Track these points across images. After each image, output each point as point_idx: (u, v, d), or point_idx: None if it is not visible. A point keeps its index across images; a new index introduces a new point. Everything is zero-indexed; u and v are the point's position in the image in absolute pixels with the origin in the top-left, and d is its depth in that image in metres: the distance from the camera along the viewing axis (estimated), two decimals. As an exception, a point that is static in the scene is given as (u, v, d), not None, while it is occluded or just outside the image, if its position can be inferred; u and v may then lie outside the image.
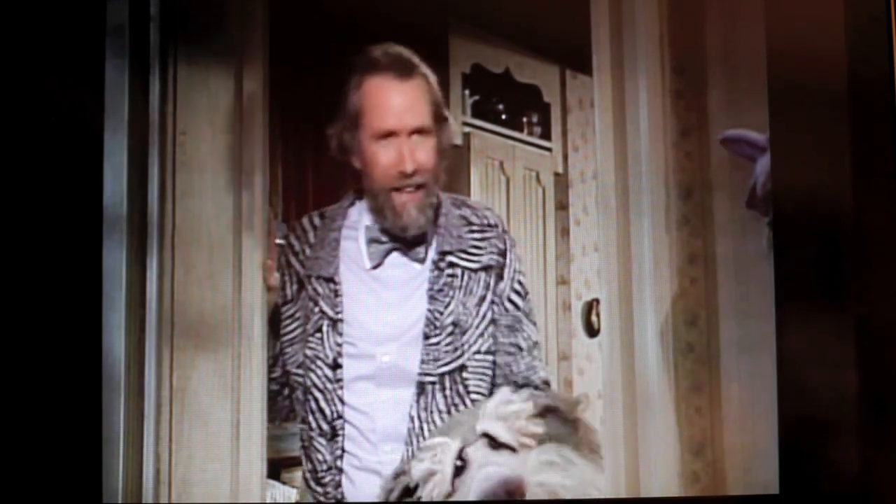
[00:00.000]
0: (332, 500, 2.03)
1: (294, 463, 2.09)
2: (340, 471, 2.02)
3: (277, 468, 2.07)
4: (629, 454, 2.00)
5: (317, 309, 2.08)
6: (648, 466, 1.98)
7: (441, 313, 2.05)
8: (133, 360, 2.00)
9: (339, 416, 2.04)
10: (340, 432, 2.04)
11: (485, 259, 2.07)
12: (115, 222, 2.00)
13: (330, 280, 2.08)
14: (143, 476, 1.99)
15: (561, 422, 1.97)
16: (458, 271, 2.07)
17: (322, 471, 2.03)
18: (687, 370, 2.00)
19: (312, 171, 2.20)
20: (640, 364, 2.02)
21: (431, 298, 2.06)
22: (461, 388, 2.02)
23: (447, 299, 2.05)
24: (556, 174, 2.20)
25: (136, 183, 2.03)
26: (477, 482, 1.89)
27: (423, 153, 2.08)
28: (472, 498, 1.89)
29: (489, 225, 2.10)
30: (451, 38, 2.17)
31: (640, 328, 2.03)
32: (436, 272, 2.07)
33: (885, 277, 1.81)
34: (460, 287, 2.06)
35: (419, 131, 2.08)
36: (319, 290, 2.08)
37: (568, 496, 1.90)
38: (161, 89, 2.07)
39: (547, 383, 2.05)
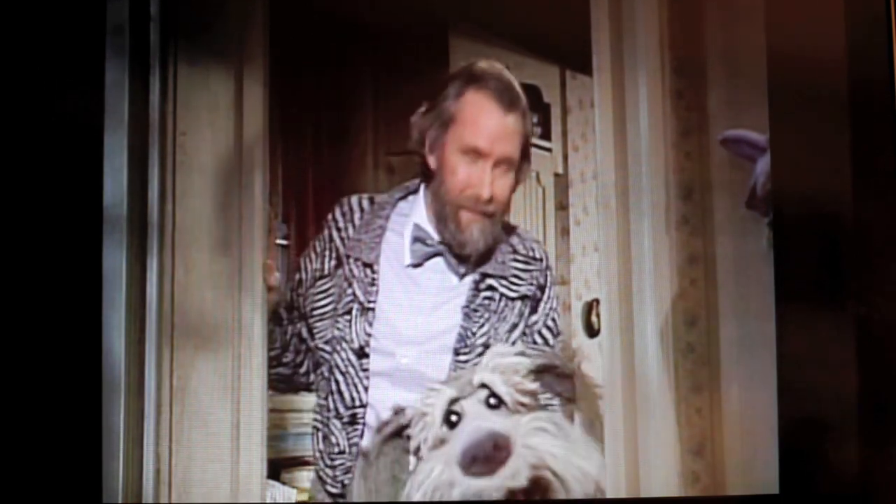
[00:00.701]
0: (332, 502, 2.03)
1: (294, 463, 2.09)
2: (354, 457, 2.02)
3: (277, 468, 2.07)
4: (629, 454, 2.00)
5: (350, 291, 2.08)
6: (648, 466, 1.99)
7: (474, 333, 2.05)
8: (133, 360, 2.00)
9: (362, 405, 2.04)
10: (360, 421, 2.03)
11: (523, 290, 2.07)
12: (115, 222, 1.99)
13: (369, 266, 2.09)
14: (143, 476, 1.99)
15: (559, 378, 1.97)
16: (497, 296, 2.07)
17: (335, 454, 2.03)
18: (687, 370, 2.00)
19: (312, 171, 2.20)
20: (640, 364, 2.02)
21: (466, 316, 2.06)
22: None
23: (481, 320, 2.05)
24: (556, 174, 2.20)
25: (136, 183, 2.03)
26: (466, 433, 1.89)
27: (502, 184, 2.09)
28: (459, 449, 1.89)
29: (534, 258, 2.10)
30: (451, 38, 2.17)
31: (640, 328, 2.03)
32: (474, 291, 2.07)
33: (885, 277, 1.81)
34: (496, 311, 2.06)
35: (505, 162, 2.08)
36: (356, 272, 2.09)
37: (554, 463, 1.89)
38: (161, 89, 2.07)
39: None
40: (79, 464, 1.89)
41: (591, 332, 2.11)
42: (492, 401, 1.93)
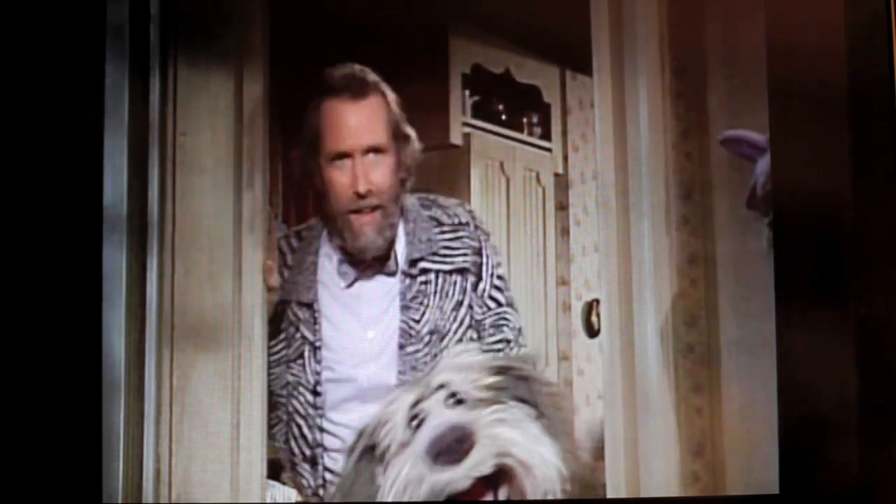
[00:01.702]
0: (332, 502, 2.03)
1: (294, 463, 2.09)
2: (321, 497, 2.02)
3: (277, 468, 2.07)
4: (629, 454, 2.01)
5: (298, 335, 2.08)
6: (648, 466, 1.99)
7: (417, 321, 2.05)
8: (133, 360, 2.00)
9: (319, 445, 2.04)
10: (320, 461, 2.03)
11: (458, 260, 2.06)
12: (115, 222, 1.99)
13: (309, 306, 2.08)
14: (143, 476, 1.99)
15: (515, 379, 1.97)
16: (432, 276, 2.06)
17: (307, 495, 2.03)
18: (687, 370, 2.00)
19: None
20: (640, 364, 2.02)
21: (405, 308, 2.05)
22: None
23: (422, 308, 2.05)
24: (556, 174, 2.20)
25: (136, 183, 2.03)
26: (428, 429, 1.90)
27: (378, 173, 2.07)
28: (423, 445, 1.89)
29: (461, 223, 2.09)
30: (451, 38, 2.17)
31: (641, 328, 2.03)
32: (408, 281, 2.06)
33: (885, 277, 1.81)
34: (435, 292, 2.06)
35: (374, 150, 2.07)
36: (300, 315, 2.08)
37: (517, 451, 1.90)
38: (161, 90, 2.07)
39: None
40: (79, 464, 1.89)
41: (591, 332, 2.11)
42: (451, 400, 1.93)
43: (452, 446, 1.89)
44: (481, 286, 2.06)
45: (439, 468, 1.89)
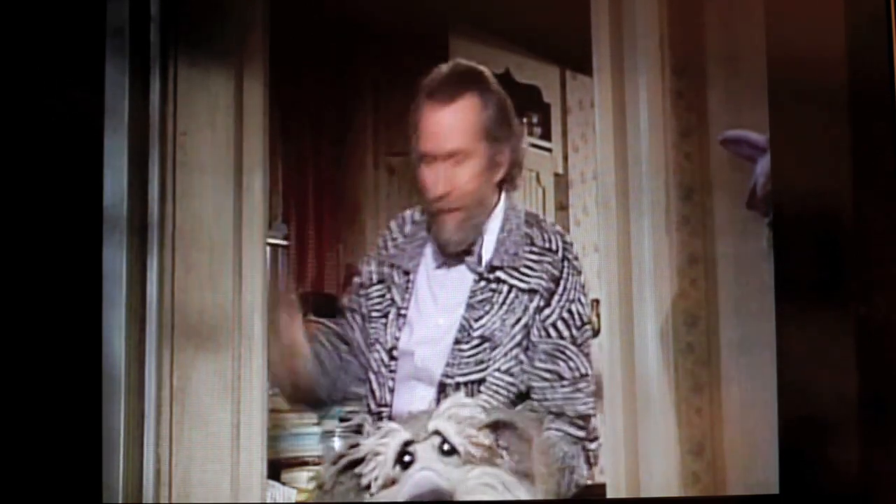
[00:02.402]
0: (333, 502, 2.03)
1: (294, 463, 2.09)
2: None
3: (277, 468, 2.07)
4: (629, 454, 2.01)
5: (388, 295, 2.11)
6: (648, 467, 1.99)
7: (475, 322, 2.05)
8: (133, 360, 2.00)
9: (387, 405, 2.06)
10: (384, 420, 2.04)
11: (533, 282, 2.06)
12: (115, 222, 1.99)
13: (406, 273, 2.11)
14: (143, 476, 1.99)
15: (517, 438, 1.96)
16: (504, 287, 2.07)
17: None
18: (687, 371, 2.00)
19: (312, 171, 2.20)
20: (640, 364, 2.02)
21: (469, 307, 2.06)
22: None
23: (482, 312, 2.05)
24: (557, 175, 2.20)
25: (136, 183, 2.03)
26: (411, 483, 1.89)
27: (457, 176, 2.08)
28: (405, 496, 1.88)
29: (549, 249, 2.09)
30: (451, 38, 2.17)
31: (641, 329, 2.03)
32: (482, 283, 2.07)
33: (885, 277, 1.81)
34: (502, 303, 2.06)
35: (454, 154, 2.08)
36: (397, 279, 2.11)
37: None
38: (161, 90, 2.07)
39: (583, 418, 2.04)
40: (79, 464, 1.89)
41: (592, 332, 2.11)
42: (445, 447, 1.92)
43: None
44: (546, 312, 2.05)
45: None
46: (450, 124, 2.09)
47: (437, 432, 1.92)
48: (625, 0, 2.08)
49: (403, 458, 1.91)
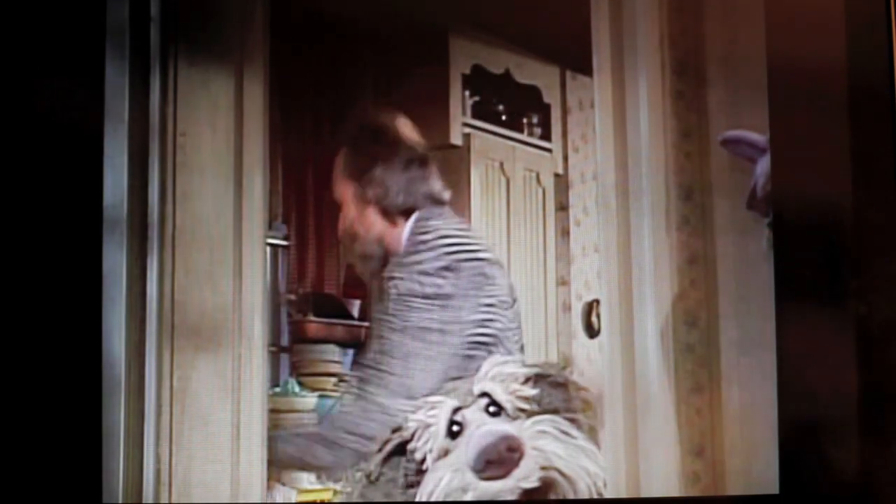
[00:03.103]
0: (334, 502, 2.03)
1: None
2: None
3: (278, 469, 2.07)
4: (629, 455, 2.01)
5: None
6: (649, 467, 1.99)
7: None
8: (133, 361, 2.00)
9: None
10: None
11: None
12: (115, 223, 1.99)
13: None
14: (143, 476, 1.99)
15: (553, 386, 1.97)
16: None
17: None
18: (687, 371, 2.00)
19: (312, 172, 2.20)
20: (640, 365, 2.02)
21: None
22: None
23: None
24: (557, 175, 2.20)
25: (136, 184, 2.03)
26: (476, 438, 1.89)
27: None
28: (472, 454, 1.88)
29: None
30: (451, 38, 2.17)
31: (641, 329, 2.03)
32: None
33: (885, 277, 1.81)
34: None
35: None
36: None
37: (561, 464, 1.89)
38: (161, 90, 2.07)
39: None
40: (79, 464, 1.89)
41: (592, 332, 2.11)
42: (492, 409, 1.93)
43: (503, 457, 1.88)
44: None
45: (487, 479, 1.88)
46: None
47: (483, 394, 1.93)
48: (625, 0, 2.08)
49: (452, 428, 1.92)
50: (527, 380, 1.96)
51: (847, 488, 1.79)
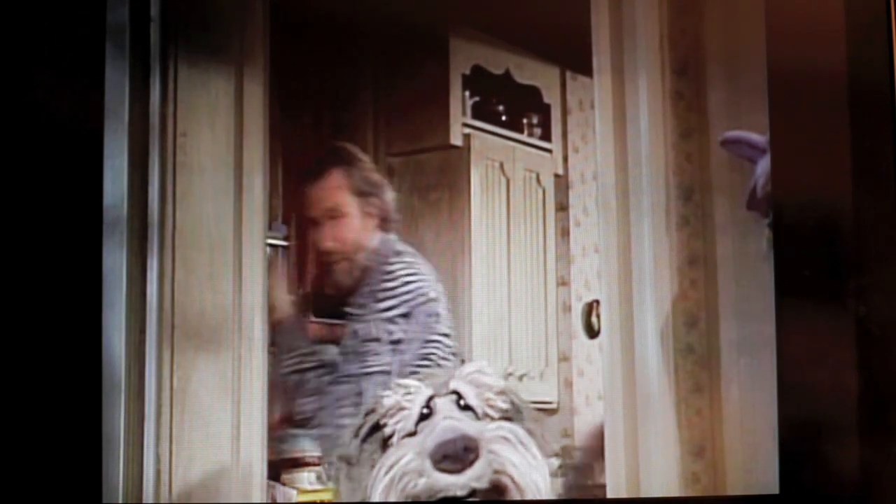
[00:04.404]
0: (335, 501, 2.03)
1: (294, 464, 2.08)
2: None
3: (278, 469, 2.07)
4: (629, 455, 2.01)
5: None
6: (648, 467, 1.98)
7: None
8: (133, 361, 2.00)
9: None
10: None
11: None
12: (115, 223, 1.99)
13: None
14: (143, 476, 1.99)
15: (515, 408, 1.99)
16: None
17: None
18: (687, 372, 2.00)
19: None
20: (640, 365, 2.02)
21: None
22: None
23: None
24: (557, 175, 2.20)
25: (136, 184, 2.03)
26: (439, 430, 1.91)
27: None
28: (431, 444, 1.90)
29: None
30: (450, 39, 2.18)
31: (641, 329, 2.03)
32: None
33: (885, 277, 1.81)
34: None
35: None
36: None
37: (514, 472, 1.90)
38: (161, 90, 2.07)
39: None
40: (79, 464, 1.89)
41: (592, 332, 2.11)
42: (462, 403, 1.95)
43: (459, 454, 1.90)
44: None
45: (441, 471, 1.90)
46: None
47: (455, 392, 1.95)
48: (625, 1, 2.08)
49: (423, 411, 1.94)
50: (500, 392, 1.97)
51: (847, 488, 1.78)
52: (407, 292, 2.18)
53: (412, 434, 1.94)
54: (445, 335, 2.15)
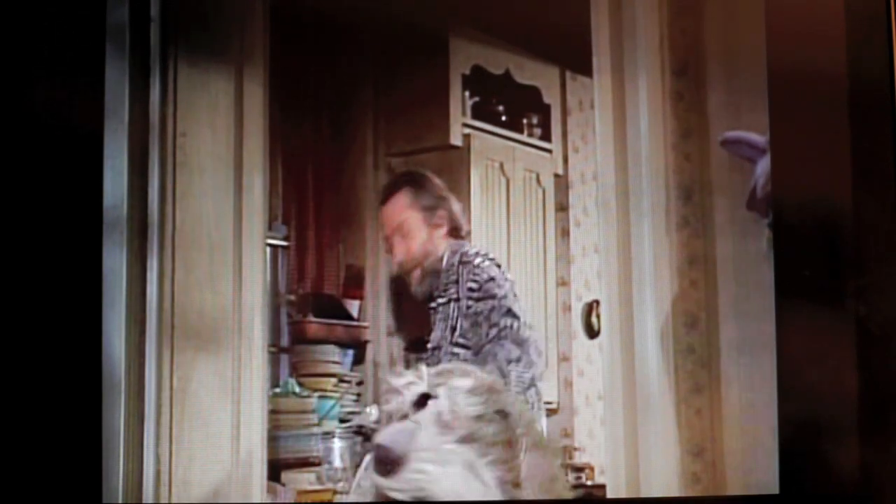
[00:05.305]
0: (336, 501, 2.03)
1: (294, 464, 2.09)
2: None
3: (277, 469, 2.07)
4: (629, 455, 2.01)
5: None
6: (648, 467, 1.99)
7: None
8: (133, 361, 2.00)
9: None
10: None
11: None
12: (115, 223, 1.99)
13: None
14: (143, 476, 1.99)
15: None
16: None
17: None
18: (687, 372, 2.00)
19: (312, 172, 2.21)
20: (640, 365, 2.02)
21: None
22: None
23: None
24: (557, 175, 2.21)
25: (136, 184, 2.03)
26: (384, 430, 1.91)
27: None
28: (377, 438, 1.90)
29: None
30: (451, 39, 2.18)
31: (641, 329, 2.03)
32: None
33: (885, 277, 1.81)
34: None
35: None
36: None
37: (437, 492, 1.88)
38: (161, 90, 2.07)
39: None
40: (79, 464, 1.89)
41: (592, 332, 2.11)
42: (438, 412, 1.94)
43: (382, 460, 1.88)
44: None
45: (374, 469, 1.89)
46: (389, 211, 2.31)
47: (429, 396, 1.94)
48: (625, 0, 2.08)
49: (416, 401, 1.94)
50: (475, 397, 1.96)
51: (847, 488, 1.78)
52: (470, 290, 2.22)
53: (405, 416, 1.93)
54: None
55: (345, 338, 2.27)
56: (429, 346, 2.22)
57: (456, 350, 2.18)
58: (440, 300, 2.23)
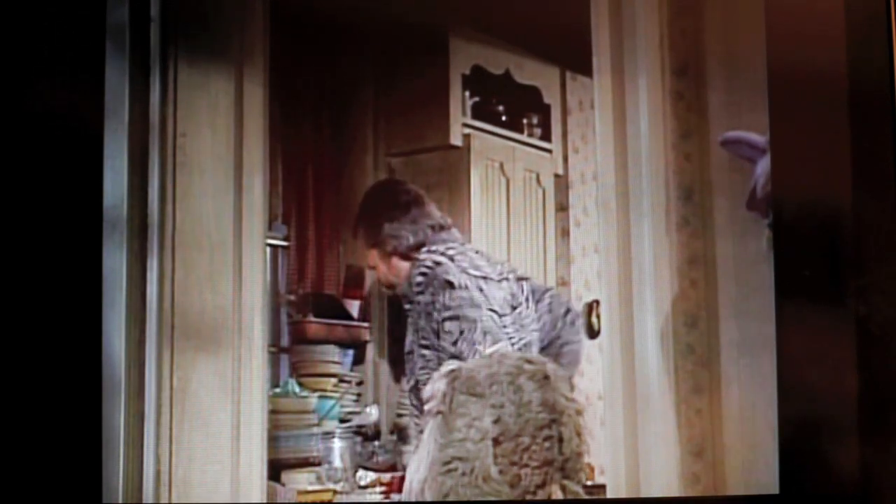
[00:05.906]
0: (336, 501, 2.03)
1: (294, 464, 2.09)
2: None
3: (277, 469, 2.07)
4: (629, 455, 2.01)
5: None
6: (648, 467, 1.99)
7: None
8: (133, 361, 2.00)
9: None
10: None
11: None
12: (115, 224, 1.99)
13: None
14: (143, 476, 1.99)
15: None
16: None
17: None
18: (687, 372, 2.00)
19: (312, 172, 2.21)
20: (640, 365, 2.02)
21: None
22: None
23: None
24: (557, 175, 2.21)
25: (136, 184, 2.03)
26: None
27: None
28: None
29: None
30: (451, 39, 2.18)
31: (641, 329, 2.03)
32: None
33: (885, 277, 1.81)
34: None
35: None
36: None
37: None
38: (161, 91, 2.07)
39: None
40: (79, 464, 1.89)
41: (592, 332, 2.11)
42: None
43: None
44: None
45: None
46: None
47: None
48: (625, 0, 2.08)
49: None
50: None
51: (847, 488, 1.78)
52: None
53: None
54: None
55: (345, 338, 2.27)
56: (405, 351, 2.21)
57: (423, 352, 2.16)
58: (406, 307, 2.22)
